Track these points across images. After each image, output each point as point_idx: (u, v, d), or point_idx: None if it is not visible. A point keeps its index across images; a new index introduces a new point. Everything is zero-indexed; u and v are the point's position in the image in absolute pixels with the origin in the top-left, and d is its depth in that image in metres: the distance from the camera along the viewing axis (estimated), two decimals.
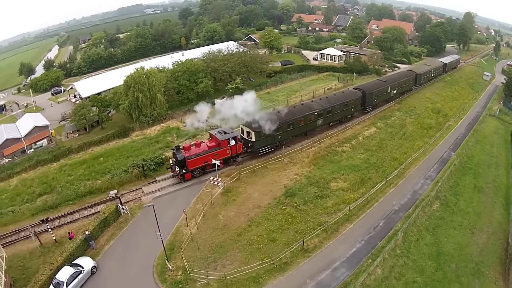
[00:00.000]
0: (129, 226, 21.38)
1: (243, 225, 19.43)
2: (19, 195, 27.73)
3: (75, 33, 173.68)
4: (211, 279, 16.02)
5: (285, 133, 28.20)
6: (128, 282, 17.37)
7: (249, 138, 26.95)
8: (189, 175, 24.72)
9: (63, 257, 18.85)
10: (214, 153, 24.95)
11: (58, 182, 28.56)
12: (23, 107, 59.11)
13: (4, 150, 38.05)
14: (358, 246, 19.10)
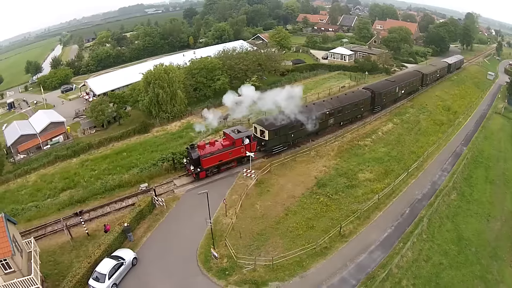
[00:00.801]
0: (166, 218, 21.81)
1: (280, 214, 20.76)
2: (40, 190, 27.97)
3: (78, 33, 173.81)
4: (258, 264, 17.09)
5: (298, 132, 28.44)
6: (172, 272, 17.67)
7: (262, 137, 27.17)
8: (203, 174, 24.71)
9: (101, 250, 18.69)
10: (229, 151, 25.08)
11: (81, 177, 29.00)
12: (33, 104, 59.41)
13: (19, 147, 38.04)
14: (389, 231, 20.60)
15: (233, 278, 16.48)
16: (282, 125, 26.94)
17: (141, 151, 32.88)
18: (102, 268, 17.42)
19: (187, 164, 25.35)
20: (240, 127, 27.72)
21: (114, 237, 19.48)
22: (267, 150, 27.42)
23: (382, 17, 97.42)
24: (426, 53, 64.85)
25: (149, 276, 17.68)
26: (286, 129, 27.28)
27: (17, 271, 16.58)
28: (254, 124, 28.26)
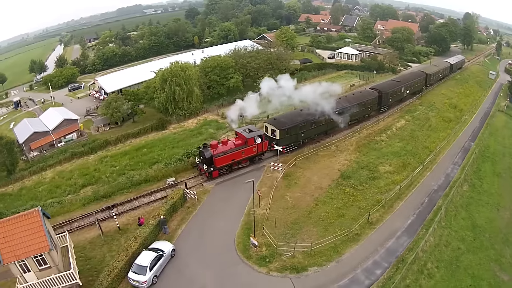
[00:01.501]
0: (198, 210, 22.40)
1: (311, 204, 22.08)
2: (59, 187, 28.18)
3: (78, 33, 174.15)
4: (296, 251, 18.23)
5: (308, 131, 28.89)
6: (212, 262, 18.11)
7: (273, 136, 27.53)
8: (216, 173, 24.87)
9: (137, 243, 18.68)
10: (241, 151, 25.24)
11: (102, 173, 29.21)
12: (40, 103, 59.90)
13: (31, 144, 37.75)
14: (412, 219, 22.10)
15: (274, 265, 17.55)
16: (293, 124, 27.59)
17: (161, 147, 33.58)
18: (142, 261, 17.39)
19: (200, 163, 25.59)
20: (251, 126, 28.08)
21: (150, 230, 19.65)
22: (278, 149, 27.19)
23: (382, 18, 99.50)
24: (429, 53, 66.72)
25: (189, 267, 18.08)
26: (297, 128, 27.88)
27: (53, 266, 16.36)
28: (265, 123, 28.74)
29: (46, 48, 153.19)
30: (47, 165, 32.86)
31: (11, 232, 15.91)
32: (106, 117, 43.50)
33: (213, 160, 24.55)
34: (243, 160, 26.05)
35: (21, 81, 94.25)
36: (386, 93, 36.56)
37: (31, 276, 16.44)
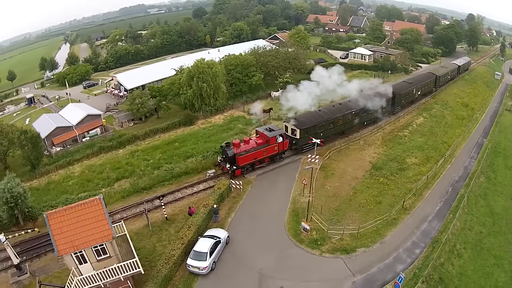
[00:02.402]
0: (244, 200, 23.73)
1: (350, 193, 24.28)
2: (90, 180, 28.71)
3: (83, 32, 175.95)
4: (345, 234, 20.21)
5: (326, 131, 29.65)
6: (266, 247, 19.31)
7: (293, 135, 28.23)
8: (239, 172, 25.47)
9: (192, 231, 19.36)
10: (263, 149, 25.79)
11: (136, 167, 29.83)
12: (54, 99, 61.06)
13: (54, 139, 37.95)
14: (440, 205, 24.43)
15: (325, 247, 19.47)
16: (313, 124, 28.56)
17: (193, 141, 34.66)
18: (202, 247, 18.01)
19: (222, 162, 25.98)
20: (271, 125, 28.75)
21: (203, 218, 20.45)
22: (297, 148, 28.79)
23: (388, 18, 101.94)
24: (436, 53, 69.24)
25: (245, 252, 19.15)
26: (316, 128, 28.75)
27: (113, 256, 16.32)
28: (285, 122, 29.38)
29: (52, 47, 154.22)
30: (74, 160, 33.39)
31: (68, 222, 15.59)
32: (130, 113, 44.53)
33: (235, 159, 25.17)
34: (265, 158, 26.86)
35: (29, 78, 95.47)
36: (399, 94, 37.53)
37: (87, 267, 16.07)
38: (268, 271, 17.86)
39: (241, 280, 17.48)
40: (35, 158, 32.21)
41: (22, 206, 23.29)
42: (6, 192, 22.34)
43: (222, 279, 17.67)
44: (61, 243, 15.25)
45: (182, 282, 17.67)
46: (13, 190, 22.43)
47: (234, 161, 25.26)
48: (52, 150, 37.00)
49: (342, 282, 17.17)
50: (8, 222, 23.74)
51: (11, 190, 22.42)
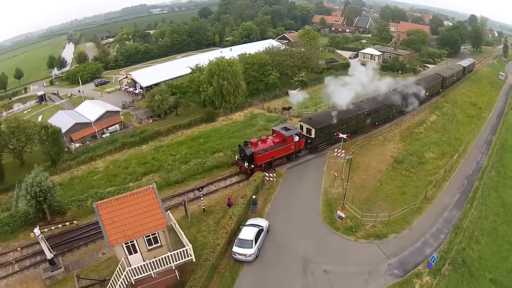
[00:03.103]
0: (278, 191, 25.04)
1: (376, 184, 26.18)
2: (116, 175, 29.25)
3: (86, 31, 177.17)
4: (376, 221, 21.91)
5: (340, 130, 29.85)
6: (305, 235, 20.56)
7: (308, 134, 28.92)
8: (257, 170, 25.85)
9: (233, 221, 20.17)
10: (280, 148, 26.32)
11: (163, 161, 30.73)
12: (66, 97, 61.59)
13: (73, 135, 38.28)
14: (458, 196, 26.39)
15: (360, 234, 21.15)
16: (328, 124, 29.37)
17: (218, 137, 35.80)
18: (247, 235, 18.81)
19: (239, 160, 26.50)
20: (287, 124, 29.57)
21: (243, 209, 21.22)
22: (312, 147, 29.52)
23: (393, 19, 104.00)
24: (442, 54, 71.33)
25: (286, 240, 20.22)
26: (330, 127, 29.63)
27: (164, 245, 16.34)
28: (300, 122, 30.28)
29: (55, 46, 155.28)
30: (96, 155, 33.89)
31: (119, 212, 15.38)
32: (149, 110, 45.45)
33: (253, 158, 25.67)
34: (282, 157, 27.53)
35: (36, 77, 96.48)
36: (409, 96, 37.42)
37: (137, 258, 15.95)
38: (310, 257, 19.21)
39: (285, 265, 18.69)
40: (56, 153, 32.29)
41: (51, 200, 23.08)
42: (35, 186, 21.92)
43: (267, 266, 18.75)
44: (112, 233, 14.97)
45: (228, 270, 18.57)
46: (42, 184, 22.09)
47: (252, 159, 25.80)
48: (71, 146, 37.48)
49: (379, 265, 18.93)
50: (34, 217, 23.58)
51: (40, 184, 22.06)
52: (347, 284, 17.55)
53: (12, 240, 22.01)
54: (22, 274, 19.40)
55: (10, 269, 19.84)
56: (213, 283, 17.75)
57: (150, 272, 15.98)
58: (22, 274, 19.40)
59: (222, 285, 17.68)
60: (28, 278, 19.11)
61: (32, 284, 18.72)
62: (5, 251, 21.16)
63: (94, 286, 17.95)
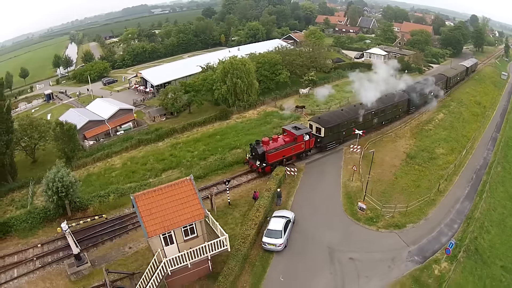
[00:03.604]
0: (299, 185, 26.17)
1: (392, 178, 27.59)
2: (135, 172, 29.77)
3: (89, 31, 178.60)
4: (396, 212, 23.24)
5: (349, 130, 30.93)
6: (329, 225, 21.74)
7: (318, 133, 29.53)
8: (268, 168, 26.42)
9: (261, 213, 21.06)
10: (291, 147, 26.82)
11: (181, 158, 31.45)
12: (75, 95, 62.36)
13: (86, 133, 38.55)
14: (467, 189, 27.80)
15: (380, 224, 22.46)
16: (336, 123, 30.17)
17: (234, 134, 36.47)
18: (276, 226, 19.78)
19: (251, 159, 26.98)
20: (297, 124, 30.08)
21: (268, 202, 22.19)
22: (322, 146, 30.21)
23: (395, 20, 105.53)
24: (445, 54, 72.91)
25: (311, 230, 21.24)
26: (339, 127, 30.38)
27: (200, 236, 16.70)
28: (310, 121, 31.00)
29: (58, 46, 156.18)
30: (112, 152, 34.29)
31: (157, 204, 15.53)
32: (161, 108, 46.05)
33: (265, 156, 26.18)
34: (292, 156, 28.07)
35: (41, 76, 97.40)
36: (415, 95, 38.23)
37: (172, 249, 16.19)
38: (335, 245, 20.36)
39: (313, 254, 19.85)
40: (71, 150, 32.51)
41: (73, 196, 23.10)
42: (57, 181, 21.79)
43: (296, 255, 19.82)
44: (150, 224, 15.06)
45: (258, 260, 19.48)
46: (64, 179, 22.04)
47: (263, 158, 26.34)
48: (84, 143, 37.74)
49: (400, 252, 20.29)
50: (54, 213, 23.62)
51: (62, 179, 21.98)
52: (372, 270, 18.81)
53: (31, 237, 22.21)
54: (44, 271, 19.43)
55: (31, 266, 19.80)
56: (244, 272, 18.67)
57: (186, 262, 16.36)
58: (44, 271, 19.43)
59: (254, 274, 18.63)
60: (51, 274, 19.23)
61: (56, 280, 18.81)
62: (25, 248, 21.27)
63: (123, 280, 18.17)
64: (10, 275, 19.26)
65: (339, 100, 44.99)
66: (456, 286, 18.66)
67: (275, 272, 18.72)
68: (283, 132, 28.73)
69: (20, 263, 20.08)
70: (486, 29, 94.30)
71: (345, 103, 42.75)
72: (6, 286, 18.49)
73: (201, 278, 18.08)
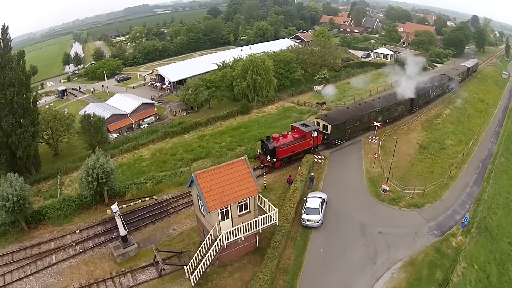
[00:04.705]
0: (326, 171, 28.73)
1: (408, 165, 30.45)
2: (165, 162, 31.36)
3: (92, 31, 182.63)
4: (414, 194, 26.02)
5: (354, 127, 32.40)
6: (357, 205, 24.15)
7: (325, 131, 30.85)
8: (278, 164, 27.60)
9: (297, 194, 23.53)
10: (300, 143, 28.02)
11: (210, 149, 33.54)
12: (89, 92, 63.98)
13: (109, 126, 39.55)
14: (475, 176, 30.73)
15: (402, 203, 25.22)
16: (342, 120, 31.55)
17: (257, 127, 38.66)
18: (313, 204, 21.94)
19: (261, 154, 28.16)
20: (306, 121, 31.59)
21: (303, 184, 24.52)
22: (329, 143, 31.45)
23: (398, 20, 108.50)
24: (448, 54, 75.87)
25: (342, 210, 23.69)
26: (345, 124, 31.83)
27: (252, 211, 18.19)
28: (317, 119, 32.29)
29: (63, 45, 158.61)
30: (139, 144, 35.89)
31: (216, 181, 16.97)
32: (182, 103, 48.00)
33: (275, 152, 27.32)
34: (301, 152, 29.31)
35: (49, 73, 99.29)
36: (418, 95, 39.95)
37: (227, 223, 17.48)
38: (365, 222, 22.94)
39: (347, 229, 22.32)
40: (99, 142, 33.21)
41: (113, 182, 24.06)
42: (97, 167, 22.51)
43: (331, 230, 22.26)
44: (210, 200, 16.40)
45: (299, 235, 21.77)
46: (104, 166, 22.83)
47: (274, 153, 27.50)
48: (109, 136, 38.67)
49: (421, 227, 23.10)
50: (91, 200, 24.64)
51: (102, 166, 22.73)
52: (399, 242, 21.52)
53: (67, 224, 23.37)
54: (86, 255, 20.43)
55: (71, 251, 20.70)
56: (288, 246, 20.84)
57: (241, 235, 17.92)
58: (86, 255, 20.43)
59: (297, 248, 20.95)
60: (94, 258, 20.32)
61: (100, 263, 19.90)
62: (61, 234, 22.26)
63: (171, 259, 19.80)
64: (48, 261, 20.18)
65: (353, 97, 47.84)
66: (471, 256, 21.46)
67: (315, 245, 21.18)
68: (292, 129, 30.14)
69: (58, 249, 20.92)
70: (487, 29, 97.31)
71: (358, 99, 45.65)
72: (45, 272, 19.51)
73: (248, 253, 20.04)
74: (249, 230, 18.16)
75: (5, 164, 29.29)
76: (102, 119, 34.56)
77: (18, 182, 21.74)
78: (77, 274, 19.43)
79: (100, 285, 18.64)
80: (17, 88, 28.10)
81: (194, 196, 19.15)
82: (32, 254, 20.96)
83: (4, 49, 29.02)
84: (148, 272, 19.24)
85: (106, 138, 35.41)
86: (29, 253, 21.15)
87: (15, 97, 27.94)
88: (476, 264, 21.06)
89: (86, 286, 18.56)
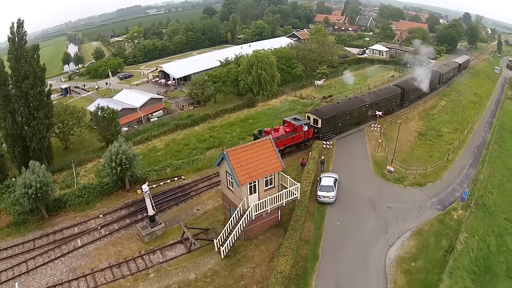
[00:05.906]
0: (335, 155, 30.74)
1: (409, 150, 32.44)
2: (180, 151, 32.78)
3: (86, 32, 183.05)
4: (417, 174, 27.92)
5: (344, 121, 33.19)
6: (365, 184, 25.89)
7: (315, 124, 31.71)
8: None
9: (311, 174, 25.56)
10: (291, 137, 28.81)
11: (222, 138, 35.01)
12: (93, 89, 65.44)
13: (120, 119, 39.53)
14: (471, 160, 32.72)
15: (405, 183, 27.10)
16: (332, 115, 32.29)
17: (265, 118, 40.36)
18: (327, 182, 23.76)
19: None
20: (297, 115, 32.26)
21: (316, 166, 26.67)
22: (319, 136, 32.11)
23: (391, 18, 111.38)
24: (441, 51, 78.61)
25: (352, 189, 25.52)
26: (335, 118, 32.62)
27: (276, 186, 19.82)
28: (308, 113, 33.09)
29: (59, 46, 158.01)
30: (152, 136, 37.39)
31: (245, 158, 18.48)
32: (189, 97, 49.77)
33: None
34: (293, 145, 30.24)
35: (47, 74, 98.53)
36: (408, 90, 40.87)
37: (254, 197, 18.75)
38: (374, 198, 24.75)
39: (358, 205, 24.09)
40: (112, 134, 33.92)
41: (135, 168, 24.95)
42: (120, 153, 23.22)
43: (344, 206, 23.95)
44: (241, 174, 17.87)
45: (316, 210, 23.44)
46: (128, 152, 23.61)
47: None
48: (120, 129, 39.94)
49: (425, 202, 24.95)
50: (113, 186, 25.37)
51: (125, 152, 23.49)
52: (406, 215, 23.27)
53: (89, 210, 24.22)
54: (112, 237, 21.20)
55: (96, 234, 21.36)
56: (306, 220, 22.34)
57: (267, 208, 19.29)
58: (112, 237, 21.20)
59: (315, 221, 22.59)
60: (121, 239, 21.10)
61: (127, 244, 20.73)
62: (84, 220, 23.07)
63: (198, 235, 21.06)
64: (73, 245, 20.82)
65: (352, 91, 49.79)
66: (471, 228, 23.29)
67: (331, 219, 22.81)
68: (283, 123, 30.93)
69: (82, 233, 21.61)
70: (479, 26, 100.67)
71: (357, 92, 47.54)
72: (70, 255, 20.10)
73: (271, 227, 21.47)
74: (275, 203, 19.51)
75: (19, 156, 30.12)
76: (116, 112, 35.44)
77: (41, 169, 22.61)
78: (105, 255, 20.24)
79: (130, 263, 19.48)
80: (32, 80, 28.89)
81: (223, 173, 20.27)
82: (55, 240, 21.47)
83: (20, 42, 29.77)
84: (177, 249, 20.32)
85: (119, 130, 36.32)
86: (52, 239, 21.67)
87: (30, 90, 28.72)
88: (477, 235, 22.88)
89: (116, 265, 19.32)
